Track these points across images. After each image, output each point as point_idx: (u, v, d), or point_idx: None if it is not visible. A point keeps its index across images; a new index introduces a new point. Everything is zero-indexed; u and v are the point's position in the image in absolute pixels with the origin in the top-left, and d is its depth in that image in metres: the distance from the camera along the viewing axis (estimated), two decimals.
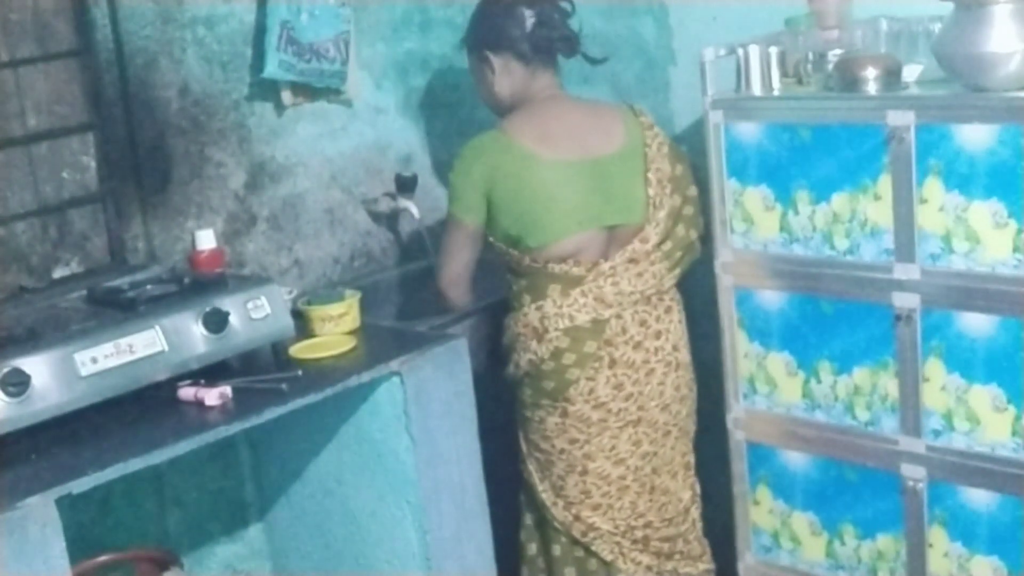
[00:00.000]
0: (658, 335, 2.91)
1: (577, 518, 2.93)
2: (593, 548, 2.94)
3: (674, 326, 2.96)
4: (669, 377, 2.94)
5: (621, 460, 2.92)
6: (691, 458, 3.07)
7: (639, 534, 2.97)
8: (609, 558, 2.95)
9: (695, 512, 3.08)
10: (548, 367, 2.85)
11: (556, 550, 2.98)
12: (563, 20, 2.93)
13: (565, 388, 2.85)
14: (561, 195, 2.82)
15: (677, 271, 2.95)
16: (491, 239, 2.87)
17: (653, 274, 2.89)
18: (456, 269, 2.89)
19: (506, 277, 2.93)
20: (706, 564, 3.10)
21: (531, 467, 2.96)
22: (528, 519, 3.04)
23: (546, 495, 2.94)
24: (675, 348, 2.96)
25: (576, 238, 2.82)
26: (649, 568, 2.98)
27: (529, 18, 2.89)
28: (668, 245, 2.92)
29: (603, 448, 2.89)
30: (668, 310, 2.95)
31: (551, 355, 2.84)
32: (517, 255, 2.84)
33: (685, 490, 3.06)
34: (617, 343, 2.86)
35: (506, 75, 2.93)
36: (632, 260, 2.86)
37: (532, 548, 3.05)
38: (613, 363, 2.86)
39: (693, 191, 2.98)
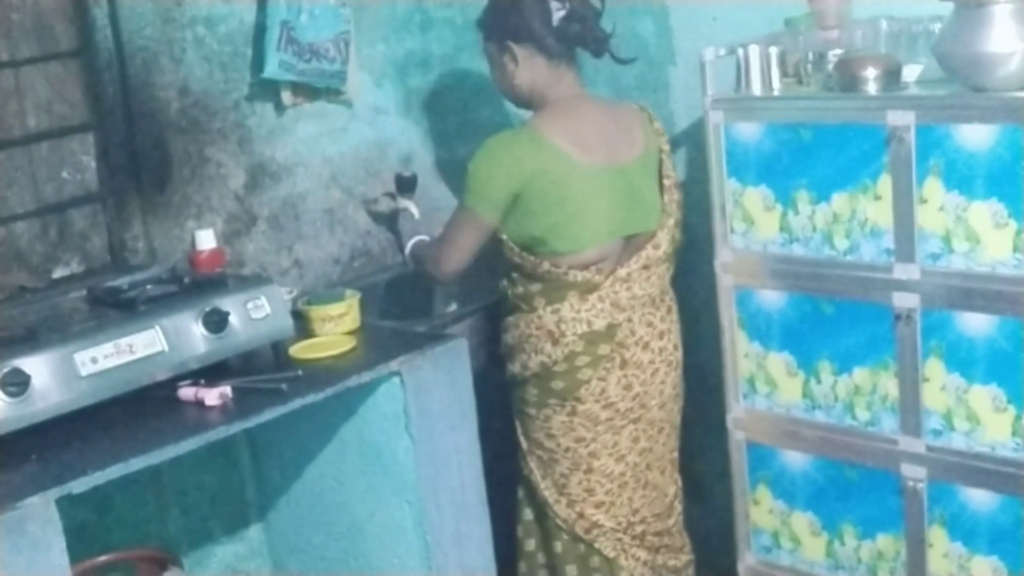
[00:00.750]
0: (662, 335, 2.93)
1: (581, 516, 2.93)
2: (596, 545, 2.95)
3: (674, 326, 2.98)
4: (669, 376, 2.97)
5: (622, 457, 2.92)
6: (676, 454, 3.08)
7: (638, 529, 2.98)
8: (612, 555, 2.95)
9: (678, 506, 3.11)
10: (560, 368, 2.84)
11: (558, 547, 2.98)
12: (594, 18, 2.87)
13: (576, 388, 2.85)
14: (594, 203, 2.79)
15: (672, 271, 2.96)
16: (503, 237, 2.82)
17: (659, 276, 2.91)
18: (460, 261, 2.85)
19: (510, 277, 2.88)
20: (687, 555, 3.12)
21: (532, 465, 2.96)
22: (527, 515, 3.04)
23: (548, 492, 2.94)
24: (675, 347, 2.98)
25: (601, 248, 2.82)
26: (645, 563, 2.99)
27: (557, 11, 2.82)
28: (671, 249, 2.93)
29: (607, 446, 2.90)
30: (669, 310, 2.97)
31: (564, 358, 2.83)
32: (533, 260, 2.80)
33: (671, 484, 3.08)
34: (628, 344, 2.86)
35: (528, 68, 2.85)
36: (645, 266, 2.87)
37: (530, 544, 3.05)
38: (624, 364, 2.86)
39: (680, 194, 2.99)
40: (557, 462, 2.92)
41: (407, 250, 3.09)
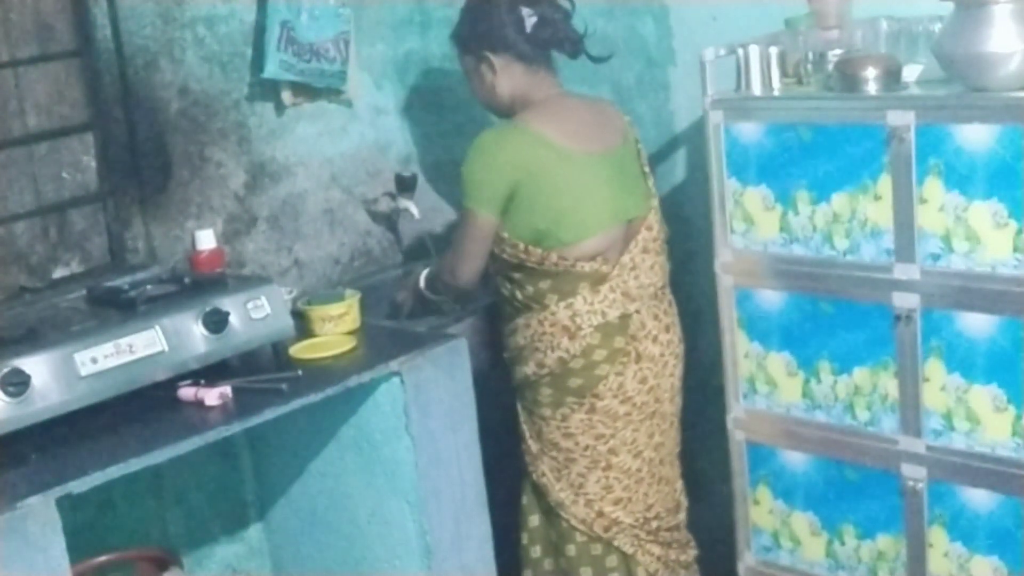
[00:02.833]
0: (667, 328, 2.95)
1: (600, 514, 2.94)
2: (615, 543, 2.95)
3: (676, 319, 3.01)
4: (677, 369, 3.00)
5: (639, 453, 2.94)
6: (679, 448, 3.09)
7: (653, 525, 3.00)
8: (630, 551, 2.96)
9: (684, 501, 3.12)
10: (577, 364, 2.84)
11: (571, 550, 2.97)
12: (565, 21, 2.91)
13: (594, 384, 2.85)
14: (592, 189, 2.82)
15: (669, 264, 2.99)
16: (505, 235, 2.82)
17: (661, 265, 2.94)
18: (476, 266, 2.86)
19: (513, 279, 2.87)
20: (694, 550, 3.13)
21: (543, 468, 2.95)
22: (532, 521, 3.03)
23: (564, 494, 2.94)
24: (680, 340, 3.01)
25: (607, 234, 2.84)
26: (659, 558, 3.01)
27: (529, 17, 2.86)
28: (662, 235, 2.96)
29: (626, 442, 2.91)
30: (671, 304, 3.00)
31: (582, 352, 2.84)
32: (541, 253, 2.81)
33: (678, 479, 3.10)
34: (640, 337, 2.88)
35: (507, 76, 2.90)
36: (645, 250, 2.89)
37: (536, 551, 3.04)
38: (639, 358, 2.88)
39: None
40: (574, 461, 2.92)
41: (422, 282, 3.07)
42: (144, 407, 2.35)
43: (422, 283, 3.06)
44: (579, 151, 2.82)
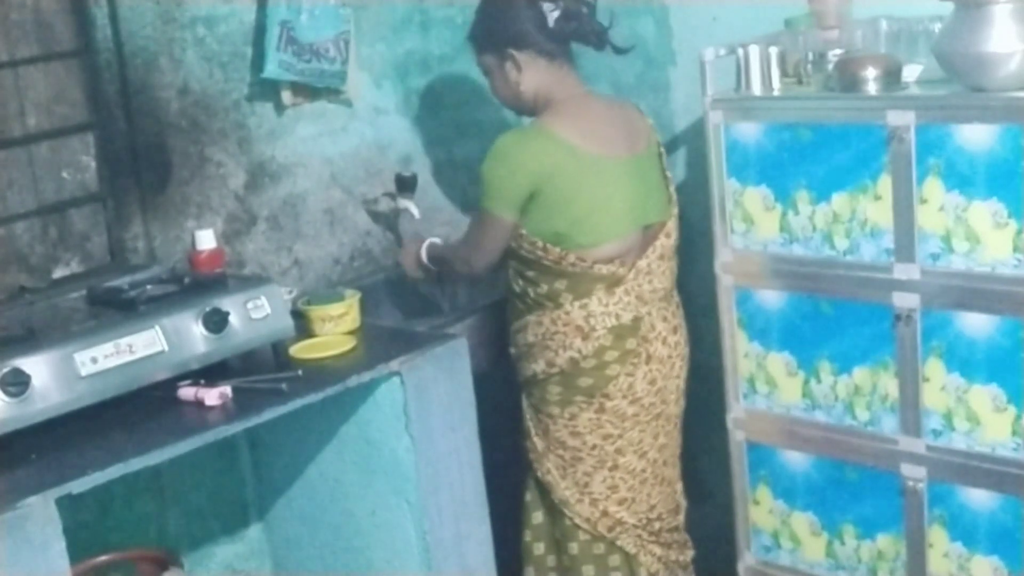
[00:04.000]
0: (675, 330, 2.96)
1: (605, 513, 2.94)
2: (618, 543, 2.96)
3: (682, 322, 3.02)
4: (683, 371, 3.01)
5: (644, 453, 2.95)
6: (680, 449, 3.10)
7: (655, 526, 3.01)
8: (633, 551, 2.97)
9: (683, 501, 3.13)
10: (589, 364, 2.85)
11: (573, 548, 2.98)
12: (590, 13, 2.88)
13: (604, 384, 2.86)
14: (612, 194, 2.81)
15: (676, 268, 2.99)
16: (524, 232, 2.81)
17: (671, 270, 2.96)
18: (491, 258, 2.87)
19: (526, 276, 2.87)
20: (691, 551, 3.14)
21: (549, 465, 2.95)
22: (536, 519, 3.03)
23: (569, 492, 2.94)
24: (686, 342, 3.02)
25: (625, 239, 2.84)
26: (660, 559, 3.01)
27: (551, 12, 2.83)
28: (678, 241, 2.95)
29: (632, 442, 2.92)
30: (678, 306, 3.01)
31: (594, 352, 2.84)
32: (559, 252, 2.80)
33: (678, 480, 3.11)
34: (651, 339, 2.89)
35: (532, 73, 2.86)
36: (662, 257, 2.90)
37: (539, 548, 3.04)
38: (649, 359, 2.89)
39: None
40: (581, 460, 2.92)
41: (423, 253, 3.10)
42: (144, 407, 2.34)
43: (424, 256, 3.10)
44: (601, 155, 2.80)
